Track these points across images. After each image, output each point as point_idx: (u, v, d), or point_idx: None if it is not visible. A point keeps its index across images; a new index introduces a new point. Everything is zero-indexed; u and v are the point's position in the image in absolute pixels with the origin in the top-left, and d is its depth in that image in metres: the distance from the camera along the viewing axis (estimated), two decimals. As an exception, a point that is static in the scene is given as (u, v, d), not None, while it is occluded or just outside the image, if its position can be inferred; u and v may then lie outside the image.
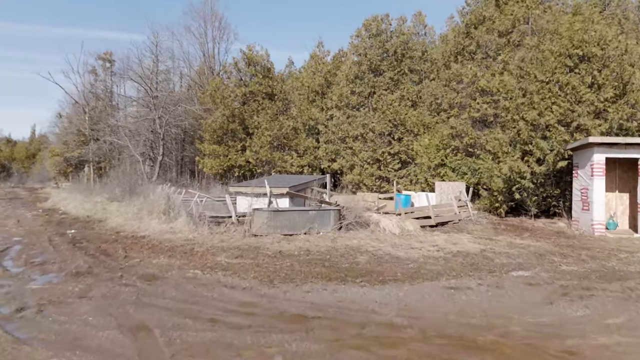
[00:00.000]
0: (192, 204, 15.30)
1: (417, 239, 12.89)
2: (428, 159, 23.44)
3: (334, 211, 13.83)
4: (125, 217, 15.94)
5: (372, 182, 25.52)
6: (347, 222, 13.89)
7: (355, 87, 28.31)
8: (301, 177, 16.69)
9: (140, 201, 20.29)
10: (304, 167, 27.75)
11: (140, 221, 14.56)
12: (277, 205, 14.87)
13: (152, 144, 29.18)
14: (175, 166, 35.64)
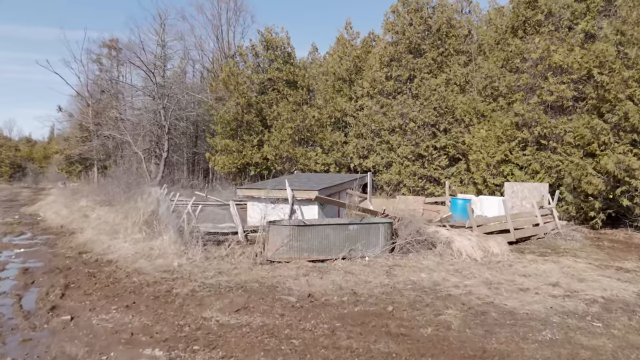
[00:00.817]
0: (185, 213, 11.24)
1: (514, 269, 8.52)
2: (487, 154, 18.92)
3: (384, 225, 9.60)
4: (101, 229, 12.01)
5: (414, 182, 21.12)
6: (403, 240, 9.63)
7: (391, 71, 23.95)
8: (334, 176, 12.51)
9: (128, 207, 16.48)
10: (330, 165, 23.55)
11: (114, 237, 10.58)
12: (303, 216, 10.72)
13: (158, 139, 25.43)
14: (185, 164, 31.86)
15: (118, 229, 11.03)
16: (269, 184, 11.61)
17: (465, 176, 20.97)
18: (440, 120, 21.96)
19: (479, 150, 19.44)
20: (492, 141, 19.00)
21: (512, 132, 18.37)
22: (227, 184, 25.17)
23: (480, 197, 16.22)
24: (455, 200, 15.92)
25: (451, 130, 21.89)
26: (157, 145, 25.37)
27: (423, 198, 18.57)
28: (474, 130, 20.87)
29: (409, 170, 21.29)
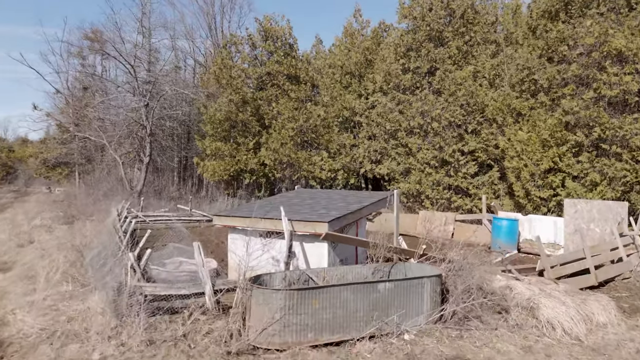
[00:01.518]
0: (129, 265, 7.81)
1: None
2: (530, 161, 15.56)
3: (430, 280, 6.27)
4: (25, 270, 8.71)
5: (437, 193, 17.77)
6: (459, 304, 6.30)
7: (409, 62, 20.62)
8: (347, 195, 9.09)
9: (91, 227, 13.32)
10: (338, 171, 20.25)
11: (33, 287, 7.28)
12: (306, 260, 7.43)
13: (142, 141, 22.18)
14: (176, 170, 28.58)
15: (36, 276, 7.74)
16: (257, 208, 8.26)
17: (500, 186, 17.61)
18: (468, 120, 18.60)
19: (518, 155, 16.07)
20: (536, 145, 15.66)
21: (562, 134, 15.01)
22: (220, 192, 21.90)
23: (529, 217, 12.87)
24: (498, 221, 12.55)
25: (481, 131, 18.54)
26: (142, 148, 22.10)
27: (453, 215, 15.23)
28: (509, 132, 17.54)
29: (432, 179, 17.94)
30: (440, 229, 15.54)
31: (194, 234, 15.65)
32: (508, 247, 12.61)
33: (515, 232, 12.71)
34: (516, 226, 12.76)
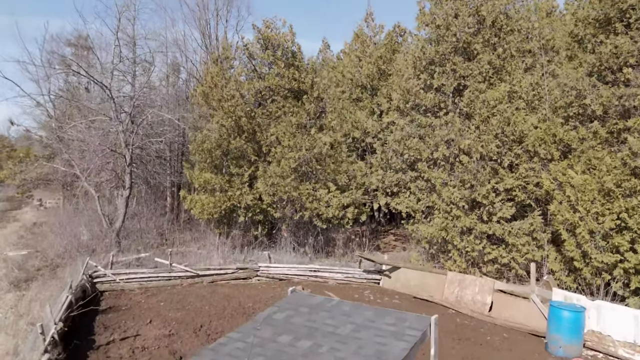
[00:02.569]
0: None
1: None
2: (587, 213, 12.46)
3: None
4: None
5: (468, 243, 14.72)
6: None
7: (432, 79, 17.50)
8: (365, 324, 6.27)
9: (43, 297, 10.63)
10: (347, 208, 17.26)
11: None
12: None
13: (122, 171, 19.36)
14: (169, 197, 25.73)
15: None
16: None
17: (544, 235, 14.53)
18: (503, 151, 15.50)
19: (571, 205, 12.99)
20: (594, 193, 12.54)
21: (631, 183, 11.91)
22: (210, 230, 19.04)
23: (597, 304, 9.81)
24: (557, 312, 9.50)
25: (519, 166, 15.45)
26: (121, 180, 19.29)
27: (492, 283, 12.21)
28: (555, 169, 14.47)
29: (461, 224, 14.89)
30: (474, 298, 12.54)
31: (172, 297, 12.84)
32: (571, 346, 9.58)
33: (581, 327, 9.67)
34: (582, 319, 9.70)
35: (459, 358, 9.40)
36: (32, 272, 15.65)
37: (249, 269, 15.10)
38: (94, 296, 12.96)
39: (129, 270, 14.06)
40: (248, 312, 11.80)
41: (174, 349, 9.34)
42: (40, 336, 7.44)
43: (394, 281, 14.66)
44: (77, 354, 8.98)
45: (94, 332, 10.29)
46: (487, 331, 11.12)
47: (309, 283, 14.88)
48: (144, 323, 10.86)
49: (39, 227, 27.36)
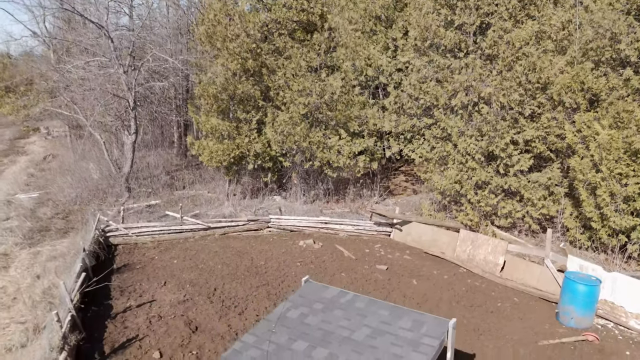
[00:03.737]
0: None
1: None
2: (610, 174, 11.96)
3: None
4: None
5: (482, 197, 14.38)
6: None
7: (452, 14, 16.09)
8: (383, 327, 6.04)
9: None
10: (359, 157, 16.79)
11: None
12: None
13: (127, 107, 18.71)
14: (176, 142, 25.16)
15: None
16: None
17: (561, 189, 14.14)
18: (526, 100, 14.63)
19: (594, 163, 12.46)
20: (620, 152, 11.96)
21: (663, 144, 11.26)
22: (220, 177, 18.84)
23: (614, 275, 9.67)
24: (572, 284, 9.42)
25: (542, 116, 14.68)
26: (126, 123, 18.76)
27: (505, 244, 12.08)
28: (580, 120, 13.74)
29: (476, 178, 14.47)
30: (486, 258, 12.51)
31: (185, 254, 12.98)
32: (583, 318, 9.62)
33: (595, 300, 9.62)
34: (597, 292, 9.63)
35: (470, 329, 9.51)
36: (45, 221, 15.77)
37: (259, 220, 15.07)
38: (108, 251, 13.15)
39: (140, 224, 14.08)
40: (260, 272, 11.89)
41: (189, 319, 9.51)
42: (57, 324, 7.51)
43: (405, 234, 14.61)
44: (95, 324, 9.18)
45: (111, 296, 10.47)
46: (498, 295, 11.19)
47: (320, 235, 14.90)
48: (158, 286, 11.01)
49: (48, 162, 27.38)
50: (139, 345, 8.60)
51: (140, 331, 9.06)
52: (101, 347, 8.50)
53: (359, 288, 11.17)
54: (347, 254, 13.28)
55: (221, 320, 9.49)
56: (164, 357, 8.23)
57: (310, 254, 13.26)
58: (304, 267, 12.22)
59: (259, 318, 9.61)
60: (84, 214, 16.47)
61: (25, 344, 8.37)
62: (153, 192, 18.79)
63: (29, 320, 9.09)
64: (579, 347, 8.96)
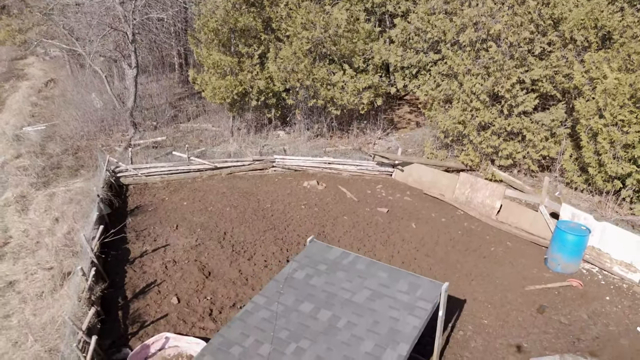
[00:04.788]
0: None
1: None
2: (612, 120, 12.01)
3: None
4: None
5: (483, 139, 14.53)
6: None
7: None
8: (381, 291, 6.57)
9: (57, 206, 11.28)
10: (364, 93, 16.63)
11: None
12: None
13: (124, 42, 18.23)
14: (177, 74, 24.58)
15: None
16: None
17: (563, 131, 14.24)
18: (537, 38, 14.22)
19: (600, 109, 12.45)
20: (625, 97, 11.95)
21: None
22: (224, 113, 18.82)
23: (603, 225, 10.19)
24: (562, 235, 10.00)
25: (551, 54, 14.34)
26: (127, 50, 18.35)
27: (503, 189, 12.53)
28: (590, 60, 13.50)
29: (480, 119, 14.51)
30: (483, 201, 12.99)
31: (194, 195, 13.52)
32: (569, 265, 10.28)
33: (583, 248, 10.22)
34: (585, 242, 10.20)
35: (463, 274, 10.24)
36: (55, 158, 16.13)
37: (264, 160, 15.40)
38: (119, 191, 13.70)
39: (149, 165, 14.46)
40: (267, 215, 12.46)
41: (202, 264, 10.23)
42: (83, 277, 8.19)
43: (406, 175, 15.00)
44: (116, 269, 9.93)
45: (127, 240, 11.15)
46: (492, 239, 11.82)
47: (323, 175, 15.31)
48: (171, 229, 11.64)
49: (50, 89, 27.16)
50: (158, 290, 9.38)
51: (158, 276, 9.82)
52: (123, 293, 9.30)
53: (361, 232, 11.80)
54: (350, 195, 13.78)
55: (232, 266, 10.21)
56: (181, 302, 9.03)
57: (314, 195, 13.76)
58: (309, 211, 12.77)
59: (267, 264, 10.34)
60: (92, 150, 16.83)
61: (54, 290, 9.14)
62: (158, 126, 18.93)
63: (54, 267, 9.80)
64: (562, 293, 9.72)
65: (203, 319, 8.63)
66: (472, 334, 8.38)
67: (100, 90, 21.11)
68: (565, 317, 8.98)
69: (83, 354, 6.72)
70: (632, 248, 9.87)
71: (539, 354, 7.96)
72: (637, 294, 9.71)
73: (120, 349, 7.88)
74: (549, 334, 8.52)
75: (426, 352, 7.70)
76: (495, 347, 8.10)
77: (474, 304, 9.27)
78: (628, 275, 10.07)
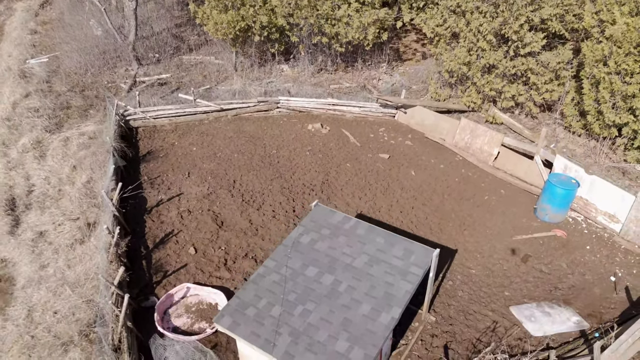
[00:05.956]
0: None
1: None
2: (615, 69, 12.01)
3: None
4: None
5: (486, 82, 14.54)
6: None
7: None
8: (378, 254, 7.31)
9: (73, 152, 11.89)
10: (368, 28, 16.26)
11: None
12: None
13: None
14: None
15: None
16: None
17: (568, 72, 14.21)
18: (549, -26, 13.69)
19: (605, 57, 12.42)
20: (632, 45, 11.93)
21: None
22: (226, 47, 18.51)
23: (593, 178, 10.80)
24: (552, 188, 10.67)
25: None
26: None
27: (501, 137, 12.96)
28: (601, 1, 13.16)
29: (485, 60, 14.44)
30: (482, 148, 13.44)
31: (202, 140, 14.02)
32: (557, 215, 11.02)
33: (570, 200, 10.88)
34: (574, 194, 10.84)
35: (457, 224, 11.04)
36: (63, 97, 16.34)
37: (269, 101, 15.60)
38: (130, 134, 14.21)
39: (157, 108, 14.76)
40: (273, 162, 13.04)
41: (215, 213, 11.04)
42: (109, 235, 9.02)
43: (409, 117, 15.26)
44: (136, 219, 10.78)
45: (143, 188, 11.89)
46: (487, 187, 12.46)
47: (328, 117, 15.60)
48: (183, 177, 12.33)
49: (47, 11, 26.33)
50: (176, 240, 10.30)
51: (175, 226, 10.69)
52: (145, 242, 10.23)
53: (362, 179, 12.44)
54: (353, 139, 14.21)
55: (242, 216, 11.02)
56: (198, 253, 9.97)
57: (318, 140, 14.20)
58: (313, 157, 13.30)
59: (274, 214, 11.13)
60: (98, 89, 17.00)
61: (82, 241, 10.05)
62: (161, 59, 18.83)
63: (79, 217, 10.63)
64: (547, 242, 10.57)
65: (219, 268, 9.61)
66: (460, 283, 9.36)
67: (100, 20, 20.60)
68: (546, 266, 9.91)
69: (118, 308, 7.72)
70: (617, 200, 10.52)
71: (518, 302, 8.98)
72: (616, 244, 10.55)
73: (148, 297, 8.94)
74: (530, 282, 9.49)
75: (418, 301, 8.70)
76: (480, 295, 9.11)
77: (465, 254, 10.17)
78: (610, 225, 10.84)
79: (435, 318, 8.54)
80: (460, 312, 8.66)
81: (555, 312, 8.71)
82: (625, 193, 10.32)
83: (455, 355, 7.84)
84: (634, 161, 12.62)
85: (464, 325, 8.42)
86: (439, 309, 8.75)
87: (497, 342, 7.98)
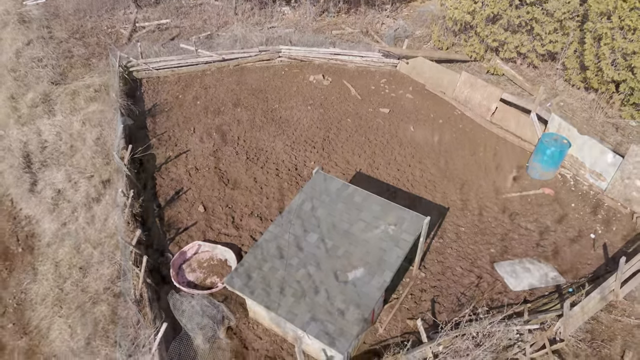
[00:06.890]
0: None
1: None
2: (619, 25, 11.90)
3: None
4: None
5: (490, 32, 14.38)
6: None
7: None
8: (374, 219, 7.97)
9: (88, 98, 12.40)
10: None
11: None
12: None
13: None
14: None
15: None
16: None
17: (572, 24, 14.03)
18: None
19: (609, 11, 12.31)
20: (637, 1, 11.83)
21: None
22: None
23: (584, 139, 11.23)
24: (544, 148, 11.16)
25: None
26: None
27: (499, 93, 13.17)
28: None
29: (489, 9, 14.22)
30: (480, 102, 13.65)
31: (205, 93, 14.24)
32: (547, 172, 11.54)
33: (561, 159, 11.33)
34: (564, 154, 11.27)
35: (452, 180, 11.60)
36: (65, 45, 16.33)
37: (270, 50, 15.54)
38: (134, 86, 14.43)
39: (159, 59, 14.81)
40: (275, 118, 13.36)
41: (221, 171, 11.61)
42: (124, 198, 9.68)
43: (410, 68, 15.27)
44: (147, 177, 11.39)
45: (151, 144, 12.38)
46: (482, 142, 12.86)
47: (329, 67, 15.61)
48: (189, 133, 12.76)
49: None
50: (186, 199, 10.97)
51: (184, 183, 11.31)
52: (156, 200, 10.91)
53: (362, 136, 12.83)
54: (354, 92, 14.39)
55: (247, 174, 11.59)
56: (207, 211, 10.67)
57: (320, 93, 14.38)
58: (314, 112, 13.58)
59: (278, 172, 11.68)
60: (99, 35, 16.91)
61: (98, 200, 10.74)
62: (160, 1, 18.46)
63: (94, 175, 11.23)
64: (535, 200, 11.19)
65: (227, 226, 10.36)
66: (449, 241, 10.12)
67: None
68: (531, 223, 10.61)
69: (137, 267, 8.57)
70: (605, 160, 10.97)
71: (502, 259, 9.79)
72: (600, 202, 11.16)
73: (163, 254, 9.78)
74: (515, 240, 10.25)
75: (411, 257, 9.51)
76: (467, 252, 9.91)
77: (456, 212, 10.84)
78: (597, 183, 11.39)
79: (425, 274, 9.39)
80: (448, 269, 9.50)
81: (535, 268, 9.54)
82: (613, 154, 10.75)
83: (441, 309, 8.76)
84: (628, 117, 12.91)
85: (450, 280, 9.28)
86: (428, 265, 9.58)
87: (479, 296, 8.88)
